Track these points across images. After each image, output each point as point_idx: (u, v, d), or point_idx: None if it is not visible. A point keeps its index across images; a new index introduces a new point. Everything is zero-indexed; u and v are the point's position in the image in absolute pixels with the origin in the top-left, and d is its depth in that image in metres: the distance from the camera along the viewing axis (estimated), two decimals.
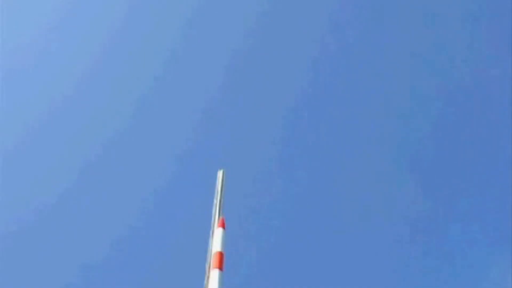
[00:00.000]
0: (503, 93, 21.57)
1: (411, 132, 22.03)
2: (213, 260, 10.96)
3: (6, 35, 22.05)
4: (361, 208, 20.80)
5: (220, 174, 12.93)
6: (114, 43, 22.65)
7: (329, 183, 21.24)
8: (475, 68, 22.35)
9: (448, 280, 19.59)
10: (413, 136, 22.01)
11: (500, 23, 22.11)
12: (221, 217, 11.88)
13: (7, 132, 21.49)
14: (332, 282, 19.07)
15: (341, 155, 21.57)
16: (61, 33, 22.65)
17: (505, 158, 20.84)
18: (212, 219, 12.04)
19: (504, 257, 19.37)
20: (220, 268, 10.74)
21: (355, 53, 22.54)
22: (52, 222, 20.49)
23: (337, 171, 21.40)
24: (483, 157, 21.41)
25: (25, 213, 20.56)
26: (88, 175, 21.22)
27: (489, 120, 21.70)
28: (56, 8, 22.74)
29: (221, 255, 11.00)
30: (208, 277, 10.78)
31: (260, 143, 21.72)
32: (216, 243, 11.32)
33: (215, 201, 12.41)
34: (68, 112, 22.00)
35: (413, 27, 22.64)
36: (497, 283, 18.94)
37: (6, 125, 21.52)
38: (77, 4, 22.88)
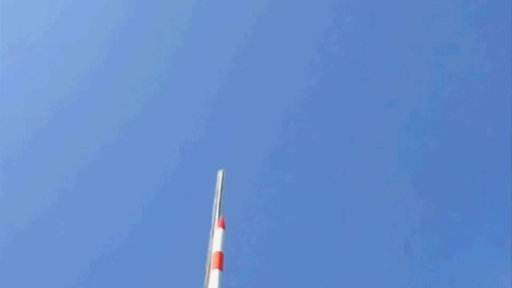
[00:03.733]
0: (503, 94, 21.58)
1: (411, 133, 22.05)
2: (213, 260, 10.96)
3: (6, 35, 22.08)
4: (361, 208, 20.81)
5: (220, 174, 12.93)
6: (114, 42, 22.68)
7: (330, 183, 21.25)
8: (476, 69, 22.38)
9: (448, 280, 19.60)
10: (412, 137, 22.02)
11: (500, 23, 22.12)
12: (221, 217, 11.88)
13: (7, 132, 21.52)
14: (332, 282, 19.09)
15: (342, 156, 21.58)
16: (61, 33, 22.68)
17: (505, 158, 20.85)
18: (212, 219, 12.05)
19: (504, 257, 19.38)
20: (220, 268, 10.75)
21: (356, 55, 22.56)
22: (51, 222, 20.51)
23: (338, 171, 21.42)
24: (483, 157, 21.43)
25: (25, 213, 20.59)
26: (88, 174, 21.25)
27: (489, 121, 21.72)
28: (56, 7, 22.77)
29: (221, 255, 11.00)
30: (208, 277, 10.78)
31: (260, 143, 21.74)
32: (216, 243, 11.32)
33: (215, 201, 12.41)
34: (68, 112, 22.02)
35: (414, 28, 22.67)
36: (497, 283, 18.96)
37: (6, 125, 21.55)
38: (77, 3, 22.91)
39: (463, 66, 22.45)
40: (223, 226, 11.64)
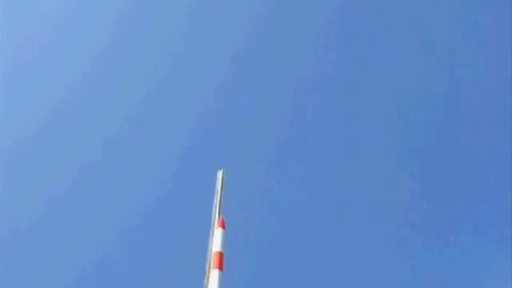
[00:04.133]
0: (503, 94, 21.58)
1: (412, 133, 22.05)
2: (213, 260, 10.96)
3: (6, 35, 22.08)
4: (361, 208, 20.81)
5: (220, 174, 12.93)
6: (114, 42, 22.68)
7: (330, 183, 21.25)
8: (476, 68, 22.38)
9: (448, 280, 19.60)
10: (413, 137, 22.02)
11: (500, 23, 22.12)
12: (221, 217, 11.88)
13: (7, 132, 21.52)
14: (332, 282, 19.09)
15: (342, 155, 21.59)
16: (61, 32, 22.68)
17: (505, 158, 20.85)
18: (212, 219, 12.05)
19: (504, 257, 19.38)
20: (220, 268, 10.75)
21: (356, 55, 22.57)
22: (51, 222, 20.51)
23: (337, 171, 21.42)
24: (483, 157, 21.43)
25: (25, 213, 20.59)
26: (88, 175, 21.24)
27: (489, 121, 21.72)
28: (56, 7, 22.77)
29: (221, 255, 11.00)
30: (208, 277, 10.78)
31: (260, 143, 21.73)
32: (216, 243, 11.32)
33: (215, 201, 12.41)
34: (68, 112, 22.02)
35: (414, 28, 22.67)
36: (497, 283, 18.95)
37: (6, 125, 21.55)
38: (77, 3, 22.91)
39: (464, 65, 22.47)
40: (223, 226, 11.64)
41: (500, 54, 21.96)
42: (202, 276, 11.00)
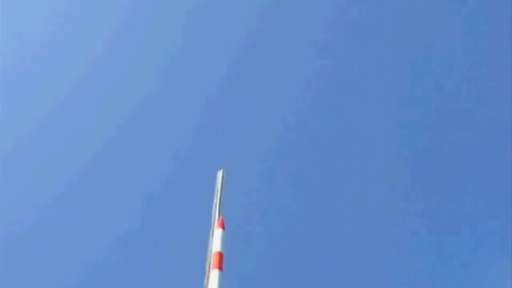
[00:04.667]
0: (503, 93, 21.59)
1: (414, 133, 22.05)
2: (213, 260, 10.97)
3: (6, 35, 22.09)
4: (362, 208, 20.81)
5: (220, 174, 12.94)
6: (114, 42, 22.68)
7: (330, 183, 21.26)
8: (476, 67, 22.39)
9: (448, 280, 19.61)
10: (414, 137, 22.03)
11: (500, 23, 22.13)
12: (220, 217, 11.89)
13: (7, 132, 21.52)
14: (332, 282, 19.09)
15: (343, 155, 21.59)
16: (60, 33, 22.69)
17: (506, 157, 20.86)
18: (212, 219, 12.06)
19: (504, 257, 19.39)
20: (220, 268, 10.76)
21: (354, 53, 22.57)
22: (52, 222, 20.52)
23: (338, 170, 21.42)
24: (483, 157, 21.44)
25: (24, 213, 20.60)
26: (88, 174, 21.25)
27: (490, 121, 21.72)
28: (56, 7, 22.78)
29: (221, 255, 11.01)
30: (208, 277, 10.79)
31: (260, 143, 21.74)
32: (216, 243, 11.34)
33: (215, 201, 12.42)
34: (67, 112, 22.03)
35: (413, 27, 22.68)
36: (497, 283, 18.96)
37: (6, 125, 21.56)
38: (77, 3, 22.92)
39: (464, 64, 22.47)
40: (222, 226, 11.65)
41: (500, 54, 21.98)
42: (202, 276, 11.02)
